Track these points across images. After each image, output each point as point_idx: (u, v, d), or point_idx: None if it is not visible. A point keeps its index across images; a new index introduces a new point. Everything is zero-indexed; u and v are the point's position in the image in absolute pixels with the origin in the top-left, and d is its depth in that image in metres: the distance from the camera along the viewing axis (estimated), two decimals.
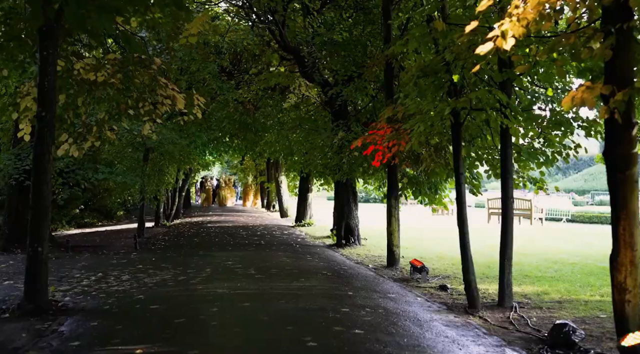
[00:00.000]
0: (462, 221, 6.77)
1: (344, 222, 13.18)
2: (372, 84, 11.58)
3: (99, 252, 12.26)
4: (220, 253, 11.45)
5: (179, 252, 11.87)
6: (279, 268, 9.48)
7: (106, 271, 9.27)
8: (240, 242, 13.69)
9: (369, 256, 11.49)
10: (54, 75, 6.96)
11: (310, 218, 19.57)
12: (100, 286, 7.89)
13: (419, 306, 6.69)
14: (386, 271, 9.55)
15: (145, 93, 8.28)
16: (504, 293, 6.55)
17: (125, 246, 13.71)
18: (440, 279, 8.64)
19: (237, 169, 38.47)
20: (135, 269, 9.36)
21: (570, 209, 22.23)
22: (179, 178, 22.73)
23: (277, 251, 12.04)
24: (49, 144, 6.81)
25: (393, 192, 10.04)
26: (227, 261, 10.23)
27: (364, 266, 10.04)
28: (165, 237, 15.61)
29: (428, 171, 9.47)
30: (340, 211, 13.33)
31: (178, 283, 8.02)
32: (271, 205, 30.07)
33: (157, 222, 20.63)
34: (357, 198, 13.47)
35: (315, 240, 14.65)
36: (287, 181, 25.08)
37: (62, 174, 12.76)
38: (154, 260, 10.56)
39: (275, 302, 6.69)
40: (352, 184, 13.23)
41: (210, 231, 17.23)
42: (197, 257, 10.86)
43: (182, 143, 14.35)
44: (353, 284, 8.04)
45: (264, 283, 7.93)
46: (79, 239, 16.61)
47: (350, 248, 12.64)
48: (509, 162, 6.67)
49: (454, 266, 9.73)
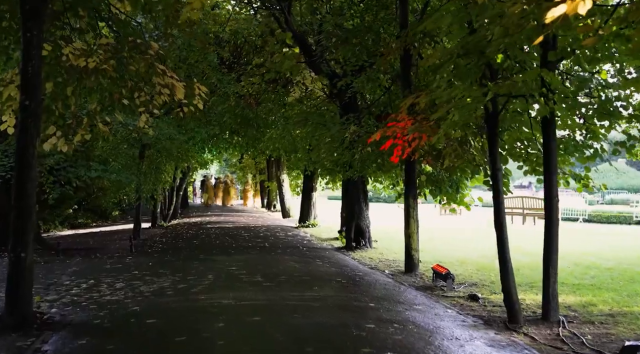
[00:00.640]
0: (500, 224, 5.97)
1: (354, 223, 12.37)
2: (386, 74, 10.76)
3: (92, 256, 11.43)
4: (222, 257, 10.63)
5: (177, 256, 11.04)
6: (287, 274, 8.67)
7: (99, 277, 8.45)
8: (243, 245, 12.87)
9: (382, 260, 10.69)
10: (39, 60, 6.18)
11: (314, 219, 18.76)
12: (92, 296, 7.07)
13: (451, 320, 5.88)
14: (405, 277, 8.74)
15: (141, 82, 7.47)
16: (549, 305, 5.76)
17: (120, 249, 12.89)
18: (467, 287, 7.84)
19: (235, 167, 37.60)
20: (130, 276, 8.53)
21: (587, 209, 21.44)
22: (177, 177, 21.88)
23: (283, 254, 11.23)
24: (34, 136, 6.04)
25: (411, 191, 9.23)
26: (231, 266, 9.41)
27: (380, 272, 9.24)
28: (162, 239, 14.79)
29: (451, 168, 8.67)
30: (350, 211, 12.52)
31: (178, 292, 7.21)
32: (272, 205, 29.23)
33: (154, 223, 19.79)
34: (367, 197, 12.66)
35: (322, 242, 13.83)
36: (289, 180, 24.24)
37: (53, 172, 11.93)
38: (150, 265, 9.74)
39: (289, 316, 5.89)
40: (364, 182, 12.41)
41: (210, 232, 16.40)
42: (198, 261, 10.04)
43: (181, 139, 13.52)
44: (372, 294, 7.24)
45: (273, 293, 7.12)
46: (72, 241, 15.78)
47: (361, 251, 11.84)
48: (553, 157, 5.88)
49: (480, 272, 8.94)
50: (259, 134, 17.10)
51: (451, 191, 9.33)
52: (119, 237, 16.03)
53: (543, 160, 5.94)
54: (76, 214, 23.99)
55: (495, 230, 6.00)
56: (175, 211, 24.01)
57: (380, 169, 9.90)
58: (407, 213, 9.22)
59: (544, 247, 5.89)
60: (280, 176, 23.56)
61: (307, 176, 18.73)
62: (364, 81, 10.51)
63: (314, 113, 12.46)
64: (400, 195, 11.14)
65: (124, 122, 12.38)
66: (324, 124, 11.53)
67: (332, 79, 12.24)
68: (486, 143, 8.16)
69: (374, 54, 10.74)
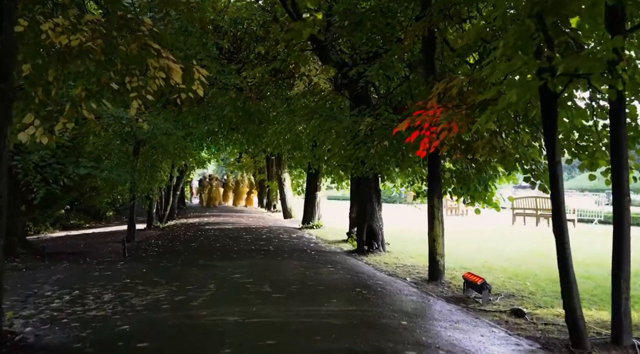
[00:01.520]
0: (560, 228, 5.00)
1: (366, 225, 11.39)
2: (403, 61, 9.79)
3: (81, 261, 10.43)
4: (223, 263, 9.63)
5: (174, 261, 10.04)
6: (298, 282, 7.68)
7: (85, 287, 7.45)
8: (246, 248, 11.86)
9: (399, 265, 9.72)
10: (10, 33, 5.21)
11: (319, 219, 17.76)
12: (75, 310, 6.07)
13: (503, 343, 4.91)
14: (430, 286, 7.77)
15: (133, 64, 6.48)
16: (620, 326, 4.78)
17: (112, 253, 11.89)
18: (503, 298, 6.87)
19: (234, 166, 36.56)
20: (121, 285, 7.53)
21: (602, 210, 20.48)
22: (174, 175, 20.86)
23: (291, 259, 10.24)
24: (4, 123, 5.09)
25: (435, 189, 8.26)
26: (234, 273, 8.41)
27: (400, 280, 8.27)
28: (158, 242, 13.78)
29: (483, 163, 7.72)
30: (361, 211, 11.55)
31: (175, 306, 6.21)
32: (272, 205, 28.22)
33: (149, 224, 18.79)
34: (380, 197, 11.68)
35: (330, 245, 12.85)
36: (290, 179, 23.24)
37: (38, 169, 10.90)
38: (144, 272, 8.74)
39: (309, 337, 4.90)
40: (377, 180, 11.44)
41: (209, 234, 15.39)
42: (197, 268, 9.04)
43: (178, 134, 12.52)
44: (400, 307, 6.27)
45: (286, 307, 6.13)
46: (62, 244, 14.78)
47: (374, 255, 10.86)
48: (624, 149, 4.90)
49: (513, 281, 7.98)
50: (260, 130, 16.12)
51: (480, 189, 8.35)
52: (112, 240, 15.04)
53: (611, 153, 4.97)
54: (68, 214, 22.94)
55: (554, 235, 5.03)
56: (172, 212, 22.98)
57: (399, 166, 8.92)
58: (431, 214, 8.25)
59: (613, 257, 4.92)
60: (282, 175, 22.56)
61: (311, 174, 17.76)
62: (378, 69, 9.53)
63: (322, 106, 11.46)
64: (419, 194, 10.19)
65: (116, 114, 11.39)
66: (334, 117, 10.54)
67: (341, 69, 11.28)
68: (526, 135, 7.26)
69: (389, 39, 9.79)
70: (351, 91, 11.48)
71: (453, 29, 8.87)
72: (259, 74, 12.35)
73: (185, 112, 14.56)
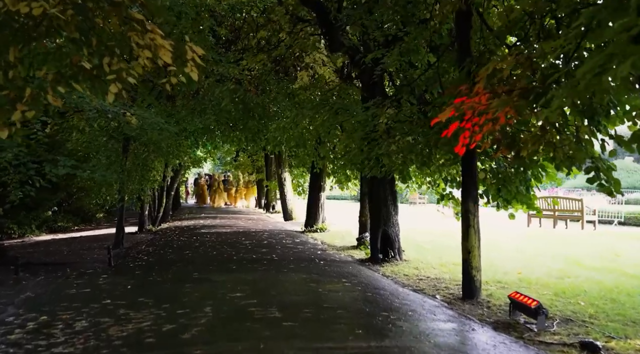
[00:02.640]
0: None
1: (381, 231, 10.18)
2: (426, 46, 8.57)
3: (59, 273, 9.19)
4: (221, 276, 8.38)
5: (165, 273, 8.78)
6: (312, 304, 6.44)
7: (56, 310, 6.22)
8: (246, 257, 10.61)
9: (421, 277, 8.51)
10: None
11: (323, 222, 16.53)
12: (36, 346, 4.85)
13: None
14: (467, 306, 6.55)
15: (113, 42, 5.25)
16: None
17: (96, 262, 10.66)
18: (561, 324, 5.67)
19: (231, 165, 35.27)
20: (99, 308, 6.29)
21: (621, 210, 19.32)
22: (167, 175, 19.59)
23: (298, 271, 9.00)
24: None
25: (471, 191, 7.04)
26: (234, 291, 7.16)
27: (429, 297, 7.06)
28: (149, 249, 12.51)
29: (528, 160, 6.53)
30: (375, 215, 10.32)
31: (161, 340, 4.97)
32: (271, 205, 26.97)
33: (141, 227, 17.53)
34: (397, 199, 10.46)
35: (339, 252, 11.62)
36: (290, 178, 22.00)
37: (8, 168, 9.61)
38: (129, 288, 7.49)
39: None
40: (392, 180, 10.24)
41: (204, 239, 14.12)
42: (191, 283, 7.79)
43: (170, 130, 11.26)
44: (443, 340, 5.04)
45: (303, 342, 4.88)
46: (44, 250, 13.53)
47: (391, 265, 9.65)
48: None
49: (563, 299, 6.77)
50: (260, 126, 14.87)
51: (523, 191, 7.14)
52: (99, 245, 13.78)
53: None
54: (55, 217, 21.64)
55: None
56: (166, 214, 21.70)
57: (425, 164, 7.69)
58: (466, 221, 7.04)
59: None
60: (282, 174, 21.31)
61: (316, 173, 16.54)
62: (398, 55, 8.31)
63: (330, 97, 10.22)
64: (444, 197, 8.98)
65: (101, 107, 10.13)
66: (346, 109, 9.32)
67: (353, 56, 10.07)
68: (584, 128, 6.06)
69: (410, 20, 8.57)
70: (364, 81, 10.30)
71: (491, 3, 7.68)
72: (261, 63, 11.07)
73: (179, 106, 13.32)
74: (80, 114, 10.77)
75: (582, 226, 16.83)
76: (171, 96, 14.61)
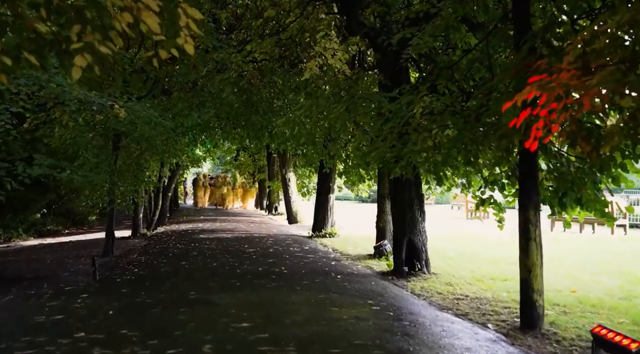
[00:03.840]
0: None
1: (406, 239, 8.87)
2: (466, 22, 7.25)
3: (32, 291, 7.86)
4: (223, 297, 6.99)
5: (156, 292, 7.42)
6: (339, 338, 5.09)
7: (14, 346, 4.89)
8: (251, 270, 9.26)
9: (459, 296, 7.19)
10: None
11: (332, 227, 15.19)
12: None
13: None
14: (531, 341, 5.22)
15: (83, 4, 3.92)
16: None
17: (81, 273, 9.38)
18: None
19: (231, 165, 33.93)
20: (67, 345, 4.95)
21: None
22: (164, 175, 18.23)
23: (313, 288, 7.64)
24: None
25: (532, 196, 5.71)
26: (240, 319, 5.81)
27: (479, 326, 5.74)
28: (141, 258, 11.17)
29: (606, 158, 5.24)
30: (399, 222, 9.00)
31: None
32: (273, 207, 25.63)
33: (134, 231, 16.18)
34: (423, 203, 9.14)
35: (355, 262, 10.29)
36: (295, 179, 20.70)
37: None
38: (111, 315, 6.13)
39: None
40: (419, 181, 8.93)
41: (203, 246, 12.78)
42: (186, 307, 6.42)
43: (164, 125, 9.92)
44: None
45: None
46: (26, 258, 12.22)
47: (419, 280, 8.33)
48: None
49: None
50: (265, 122, 13.54)
51: (598, 196, 5.81)
52: (87, 253, 12.47)
53: None
54: (45, 219, 20.32)
55: None
56: (163, 216, 20.32)
57: (470, 164, 6.36)
58: (525, 232, 5.71)
59: None
60: (286, 174, 19.99)
61: (324, 174, 15.22)
62: (433, 34, 6.98)
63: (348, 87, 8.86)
64: (484, 201, 7.63)
65: (85, 98, 8.78)
66: (368, 99, 7.99)
67: (375, 39, 8.75)
68: None
69: None
70: (386, 67, 9.00)
71: None
72: (268, 48, 9.70)
73: (174, 99, 11.98)
74: (61, 106, 9.44)
75: (613, 231, 15.51)
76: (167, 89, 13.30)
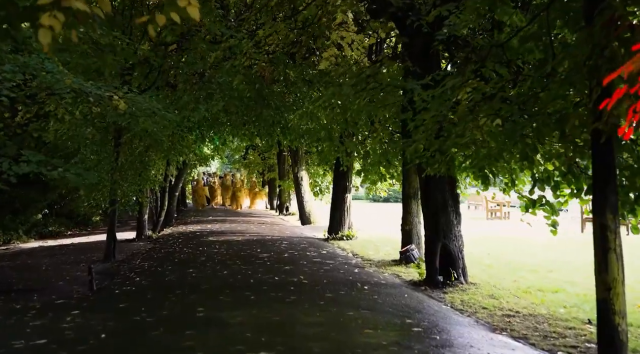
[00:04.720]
0: None
1: (440, 245, 7.87)
2: None
3: (19, 305, 6.93)
4: (236, 316, 5.97)
5: (159, 309, 6.43)
6: None
7: None
8: (266, 280, 8.26)
9: (509, 314, 6.18)
10: None
11: (349, 229, 14.20)
12: None
13: None
14: None
15: None
16: None
17: (77, 282, 8.51)
18: None
19: (239, 164, 32.96)
20: None
21: None
22: (170, 174, 17.30)
23: (339, 303, 6.63)
24: None
25: (610, 197, 4.69)
26: (257, 346, 4.77)
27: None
28: (144, 264, 10.23)
29: None
30: (432, 225, 7.99)
31: None
32: (284, 207, 24.66)
33: (139, 234, 15.27)
34: (459, 204, 8.14)
35: (380, 269, 9.29)
36: (307, 178, 19.72)
37: None
38: (103, 339, 5.15)
39: None
40: (453, 180, 7.93)
41: (212, 251, 11.80)
42: (193, 329, 5.43)
43: (168, 117, 8.96)
44: None
45: None
46: (21, 263, 11.35)
47: (456, 291, 7.33)
48: None
49: None
50: (277, 117, 12.60)
51: None
52: (88, 257, 11.59)
53: None
54: (46, 220, 19.46)
55: None
56: (170, 217, 19.37)
57: (526, 159, 5.36)
58: (602, 242, 4.68)
59: None
60: (298, 173, 19.01)
61: (341, 172, 14.23)
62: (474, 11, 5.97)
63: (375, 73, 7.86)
64: (534, 203, 6.60)
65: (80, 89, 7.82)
66: (398, 87, 7.00)
67: (403, 20, 7.77)
68: None
69: None
70: (415, 52, 8.01)
71: None
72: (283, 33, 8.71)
73: (180, 91, 11.04)
74: (55, 97, 8.52)
75: None
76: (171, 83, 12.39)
